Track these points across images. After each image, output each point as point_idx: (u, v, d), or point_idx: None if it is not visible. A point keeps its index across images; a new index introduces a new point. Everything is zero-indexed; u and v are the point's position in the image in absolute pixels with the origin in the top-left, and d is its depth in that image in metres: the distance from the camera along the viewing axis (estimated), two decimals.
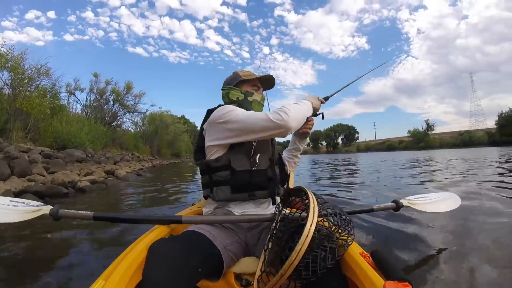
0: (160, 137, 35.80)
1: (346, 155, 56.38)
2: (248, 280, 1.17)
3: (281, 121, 1.16)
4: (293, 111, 1.19)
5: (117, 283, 0.86)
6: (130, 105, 26.37)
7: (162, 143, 37.10)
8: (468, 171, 8.21)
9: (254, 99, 1.47)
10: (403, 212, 2.05)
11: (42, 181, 5.87)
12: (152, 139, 34.07)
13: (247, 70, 1.55)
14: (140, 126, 33.31)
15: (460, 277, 1.67)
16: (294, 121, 1.19)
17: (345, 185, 6.58)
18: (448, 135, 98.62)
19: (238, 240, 1.26)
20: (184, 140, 48.28)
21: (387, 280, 0.84)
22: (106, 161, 12.45)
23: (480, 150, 32.16)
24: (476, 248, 2.08)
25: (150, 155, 30.07)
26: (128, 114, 27.09)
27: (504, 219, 2.77)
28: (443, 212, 2.05)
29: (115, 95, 24.61)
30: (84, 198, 5.57)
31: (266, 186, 1.36)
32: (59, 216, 1.28)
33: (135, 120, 30.11)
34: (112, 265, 1.00)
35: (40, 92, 12.15)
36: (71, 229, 3.00)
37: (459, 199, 2.11)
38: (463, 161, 12.99)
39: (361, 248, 1.10)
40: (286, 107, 1.20)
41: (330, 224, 0.94)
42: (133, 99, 26.53)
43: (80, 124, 14.48)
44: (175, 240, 1.05)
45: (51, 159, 8.03)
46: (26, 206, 1.32)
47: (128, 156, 19.36)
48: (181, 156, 46.71)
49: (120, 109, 25.79)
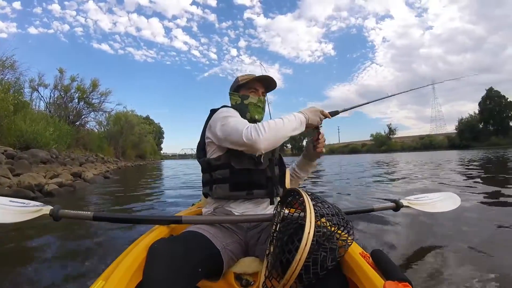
0: (125, 137, 34.63)
1: None
2: (248, 280, 1.17)
3: (250, 141, 1.15)
4: (270, 130, 1.17)
5: (117, 283, 0.86)
6: (95, 103, 25.27)
7: (127, 144, 35.91)
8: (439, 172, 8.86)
9: (250, 102, 1.48)
10: (403, 212, 2.06)
11: (8, 184, 5.58)
12: (117, 139, 32.86)
13: (247, 74, 1.56)
14: (104, 126, 31.97)
15: (460, 277, 1.67)
16: (266, 141, 1.16)
17: None
18: (410, 139, 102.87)
19: (237, 240, 1.26)
20: (149, 141, 47.17)
21: (387, 280, 0.83)
22: (72, 163, 11.79)
23: (443, 153, 34.37)
24: (476, 248, 2.08)
25: (114, 157, 28.78)
26: (93, 113, 25.93)
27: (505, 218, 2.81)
28: (443, 212, 2.04)
29: (80, 92, 23.50)
30: (54, 204, 5.49)
31: (264, 185, 1.37)
32: (59, 216, 1.28)
33: (100, 120, 28.79)
34: (112, 265, 0.99)
35: (4, 87, 11.47)
36: (71, 229, 3.00)
37: (459, 199, 2.10)
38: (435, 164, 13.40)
39: (361, 248, 1.10)
40: (264, 124, 1.18)
41: (331, 224, 0.93)
42: (98, 97, 25.44)
43: (44, 122, 13.68)
44: (175, 240, 1.05)
45: (15, 160, 7.59)
46: (26, 206, 1.31)
47: (93, 157, 18.33)
48: (146, 158, 45.62)
49: (85, 108, 24.65)
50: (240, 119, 1.31)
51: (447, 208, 2.02)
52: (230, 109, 1.40)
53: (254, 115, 1.49)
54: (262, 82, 1.53)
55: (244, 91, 1.52)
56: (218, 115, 1.34)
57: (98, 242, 2.56)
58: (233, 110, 1.39)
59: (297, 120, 1.25)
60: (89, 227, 3.00)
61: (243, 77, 1.53)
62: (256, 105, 1.50)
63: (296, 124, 1.25)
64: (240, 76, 1.55)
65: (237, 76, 1.56)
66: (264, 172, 1.38)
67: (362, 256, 1.01)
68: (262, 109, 1.54)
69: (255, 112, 1.49)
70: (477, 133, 77.91)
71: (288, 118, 1.24)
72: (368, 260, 0.99)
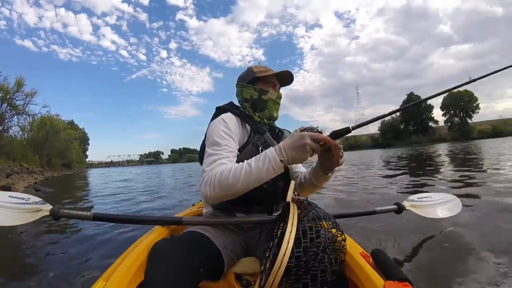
0: (50, 145, 31.17)
1: None
2: (248, 280, 1.17)
3: (202, 192, 1.06)
4: (220, 189, 1.01)
5: (118, 283, 0.86)
6: (19, 105, 22.81)
7: (52, 152, 32.29)
8: None
9: (269, 98, 1.37)
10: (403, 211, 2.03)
11: None
12: (42, 147, 29.39)
13: (261, 66, 1.42)
14: (28, 131, 28.71)
15: (460, 277, 1.68)
16: (216, 200, 1.05)
17: None
18: None
19: (238, 240, 1.26)
20: (75, 148, 43.07)
21: (387, 280, 0.84)
22: None
23: (371, 152, 37.76)
24: (476, 248, 2.09)
25: (40, 166, 25.82)
26: (16, 116, 23.14)
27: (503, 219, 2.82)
28: None
29: (3, 92, 21.17)
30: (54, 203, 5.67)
31: (265, 202, 1.29)
32: (60, 216, 1.27)
33: (23, 125, 26.07)
34: (113, 265, 1.00)
35: None
36: (72, 229, 3.01)
37: (460, 204, 2.10)
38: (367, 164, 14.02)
39: (362, 248, 1.10)
40: (218, 178, 1.01)
41: (329, 226, 0.91)
42: (23, 99, 22.97)
43: None
44: (176, 240, 1.04)
45: None
46: (26, 203, 1.30)
47: (17, 167, 16.58)
48: (72, 167, 41.61)
49: (8, 110, 21.96)
50: (216, 155, 1.13)
51: (449, 213, 2.02)
52: (216, 123, 1.25)
53: (273, 113, 1.39)
54: (279, 77, 1.41)
55: (261, 84, 1.38)
56: (209, 127, 1.27)
57: (98, 242, 2.60)
58: (218, 124, 1.24)
59: (265, 168, 1.00)
60: (89, 227, 2.99)
61: (259, 68, 1.40)
62: (275, 102, 1.39)
63: (264, 174, 1.00)
64: (254, 67, 1.41)
65: (250, 67, 1.43)
66: (265, 189, 1.15)
67: (362, 256, 1.02)
68: (278, 105, 1.43)
69: (274, 109, 1.40)
70: (398, 133, 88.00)
71: (256, 165, 1.00)
72: (369, 260, 1.00)
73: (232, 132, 1.23)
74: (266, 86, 1.38)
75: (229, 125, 1.24)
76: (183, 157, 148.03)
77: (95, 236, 2.77)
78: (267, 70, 1.39)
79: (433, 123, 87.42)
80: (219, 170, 1.04)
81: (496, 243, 2.15)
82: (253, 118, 1.35)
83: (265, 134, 1.32)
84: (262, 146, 1.26)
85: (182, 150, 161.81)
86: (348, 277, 0.99)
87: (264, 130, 1.33)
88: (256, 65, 1.43)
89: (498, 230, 2.50)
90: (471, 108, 78.30)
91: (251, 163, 1.01)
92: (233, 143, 1.21)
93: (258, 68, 1.40)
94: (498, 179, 5.28)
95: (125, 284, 0.88)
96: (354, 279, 0.96)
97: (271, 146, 1.18)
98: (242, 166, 1.02)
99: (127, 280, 0.89)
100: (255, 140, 1.28)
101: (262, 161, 1.00)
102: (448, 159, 12.45)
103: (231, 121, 1.27)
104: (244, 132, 1.31)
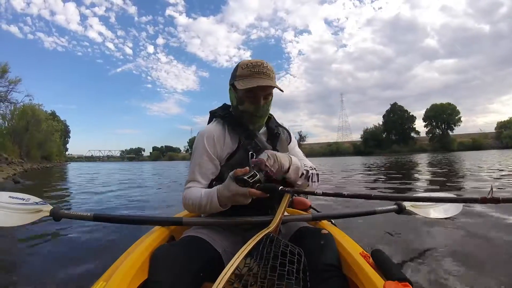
0: (30, 135, 30.28)
1: None
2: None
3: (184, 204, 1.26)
4: (193, 208, 1.22)
5: (118, 284, 0.86)
6: (1, 92, 22.50)
7: (31, 143, 31.39)
8: None
9: (244, 110, 1.24)
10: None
11: None
12: (22, 137, 28.46)
13: (255, 61, 1.20)
14: (9, 120, 28.08)
15: (460, 277, 1.68)
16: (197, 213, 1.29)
17: None
18: (318, 146, 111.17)
19: (237, 241, 1.23)
20: (56, 141, 42.17)
21: (387, 280, 0.84)
22: None
23: (353, 159, 36.82)
24: (475, 248, 2.11)
25: (19, 157, 25.02)
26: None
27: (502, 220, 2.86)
28: None
29: None
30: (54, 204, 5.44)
31: (259, 208, 1.22)
32: (60, 216, 1.27)
33: (4, 112, 25.71)
34: (113, 266, 0.99)
35: None
36: (72, 229, 2.99)
37: (461, 205, 2.10)
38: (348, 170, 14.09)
39: (361, 248, 1.10)
40: (187, 201, 1.22)
41: None
42: (6, 86, 22.66)
43: None
44: (176, 246, 1.05)
45: None
46: (26, 204, 1.30)
47: None
48: (52, 160, 40.74)
49: None
50: (191, 174, 1.27)
51: (449, 214, 2.02)
52: (198, 141, 1.28)
53: (248, 125, 1.28)
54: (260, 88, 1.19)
55: (241, 91, 1.19)
56: (193, 148, 1.31)
57: (98, 242, 2.59)
58: (202, 149, 1.25)
59: (214, 208, 1.15)
60: (89, 227, 2.99)
61: (244, 70, 1.20)
62: (252, 115, 1.24)
63: (214, 211, 1.17)
64: (242, 65, 1.21)
65: (239, 63, 1.24)
66: (260, 199, 1.08)
67: (362, 256, 1.02)
68: (260, 118, 1.27)
69: (251, 121, 1.27)
70: (380, 141, 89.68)
71: (206, 203, 1.16)
72: (368, 260, 1.00)
73: (211, 152, 1.25)
74: (244, 95, 1.21)
75: (208, 144, 1.26)
76: (164, 155, 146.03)
77: (95, 236, 2.76)
78: (250, 74, 1.18)
79: (415, 134, 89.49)
80: (186, 194, 1.23)
81: (496, 243, 2.18)
82: (242, 121, 1.29)
83: (256, 138, 1.28)
84: (252, 150, 1.23)
85: (164, 148, 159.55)
86: (348, 277, 0.99)
87: (255, 134, 1.29)
88: (247, 61, 1.21)
89: (498, 230, 2.53)
90: (453, 121, 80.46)
91: (202, 200, 1.16)
92: (210, 164, 1.26)
93: (244, 68, 1.20)
94: None
95: (125, 285, 0.88)
96: (354, 279, 0.97)
97: (262, 149, 1.20)
98: (200, 197, 1.17)
99: (127, 281, 0.89)
100: (245, 145, 1.26)
101: (210, 204, 1.14)
102: (426, 167, 12.95)
103: (210, 138, 1.26)
104: (233, 140, 1.28)
